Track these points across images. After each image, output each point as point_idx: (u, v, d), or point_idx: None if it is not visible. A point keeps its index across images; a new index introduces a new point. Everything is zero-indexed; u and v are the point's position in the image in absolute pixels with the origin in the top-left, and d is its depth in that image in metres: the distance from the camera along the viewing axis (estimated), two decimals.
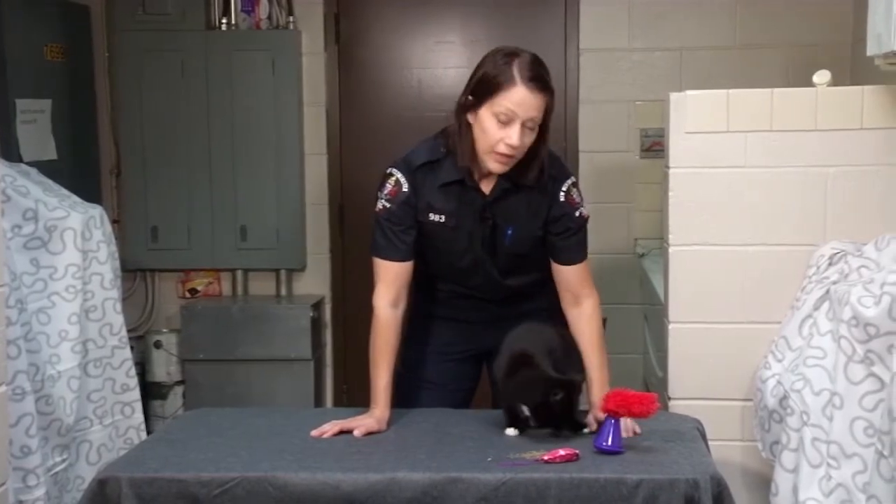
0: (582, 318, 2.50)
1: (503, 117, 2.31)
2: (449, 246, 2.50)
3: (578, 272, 2.53)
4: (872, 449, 2.13)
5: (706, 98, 2.65)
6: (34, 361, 2.84)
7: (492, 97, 2.32)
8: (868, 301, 2.19)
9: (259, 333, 4.34)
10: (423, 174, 2.46)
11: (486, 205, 2.46)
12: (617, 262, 4.39)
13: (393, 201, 2.47)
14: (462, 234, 2.48)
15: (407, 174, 2.46)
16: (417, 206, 2.46)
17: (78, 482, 3.04)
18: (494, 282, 2.54)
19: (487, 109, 2.33)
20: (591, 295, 2.53)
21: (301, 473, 2.05)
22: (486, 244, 2.49)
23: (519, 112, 2.30)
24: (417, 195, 2.46)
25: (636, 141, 4.42)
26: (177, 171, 4.46)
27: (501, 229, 2.48)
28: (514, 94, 2.30)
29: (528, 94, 2.30)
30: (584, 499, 1.99)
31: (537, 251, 2.53)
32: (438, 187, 2.45)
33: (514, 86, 2.30)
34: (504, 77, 2.31)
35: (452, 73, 4.53)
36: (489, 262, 2.52)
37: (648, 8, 4.39)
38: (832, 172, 2.62)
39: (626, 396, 2.14)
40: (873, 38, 2.44)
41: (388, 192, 2.48)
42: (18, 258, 2.89)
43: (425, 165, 2.46)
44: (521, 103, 2.30)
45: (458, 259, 2.52)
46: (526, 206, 2.47)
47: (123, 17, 4.44)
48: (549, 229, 2.49)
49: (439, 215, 2.46)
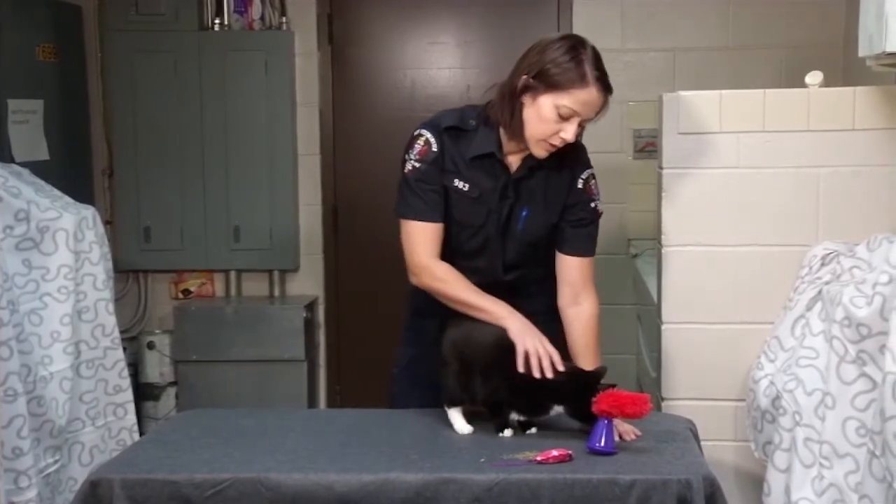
0: (580, 319, 2.48)
1: (565, 112, 2.30)
2: (465, 218, 2.47)
3: (583, 267, 2.51)
4: (864, 449, 2.13)
5: (699, 99, 2.66)
6: (26, 362, 2.83)
7: (559, 91, 2.30)
8: (860, 301, 2.19)
9: (252, 334, 4.34)
10: (451, 138, 2.44)
11: (510, 182, 2.45)
12: (610, 262, 4.39)
13: (423, 161, 2.44)
14: (481, 207, 2.46)
15: (435, 134, 2.44)
16: (445, 167, 2.44)
17: (70, 483, 3.04)
18: (495, 272, 2.52)
19: (550, 100, 2.31)
20: (591, 297, 2.50)
21: (294, 474, 2.04)
22: (501, 225, 2.48)
23: (582, 112, 2.31)
24: (445, 157, 2.44)
25: (629, 141, 4.43)
26: (170, 172, 4.46)
27: (517, 212, 2.47)
28: (582, 94, 2.29)
29: (596, 95, 2.31)
30: (577, 499, 1.99)
31: (545, 246, 2.52)
32: (469, 160, 2.44)
33: (586, 86, 2.29)
34: (575, 74, 2.29)
35: (446, 73, 4.54)
36: (498, 246, 2.49)
37: (641, 8, 4.40)
38: (824, 173, 2.62)
39: (618, 397, 2.14)
40: (865, 39, 2.44)
41: (418, 151, 2.45)
42: (10, 259, 2.88)
43: (452, 129, 2.44)
44: (586, 103, 2.31)
45: (468, 238, 2.49)
46: (545, 188, 2.46)
47: (116, 18, 4.44)
48: (564, 216, 2.48)
49: (464, 183, 2.44)
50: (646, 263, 3.87)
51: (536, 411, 2.28)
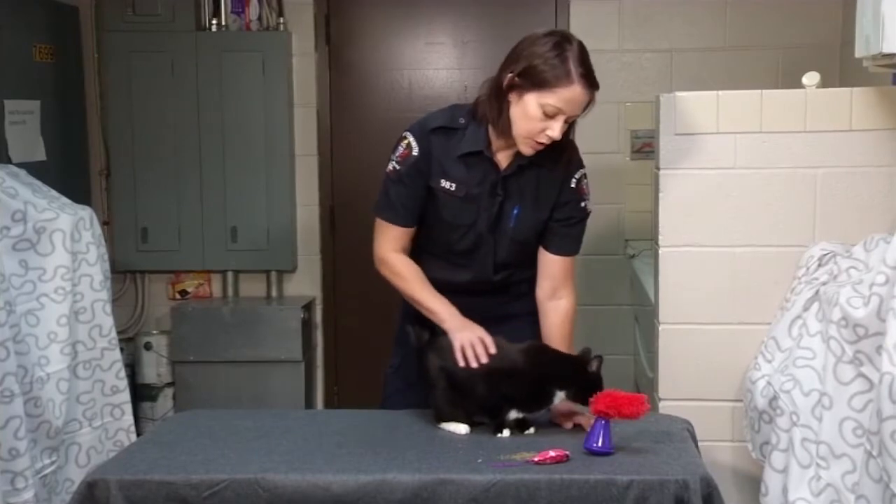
0: (558, 312, 2.51)
1: (550, 110, 2.30)
2: (455, 218, 2.48)
3: (565, 265, 2.53)
4: (861, 449, 2.13)
5: (696, 99, 2.66)
6: (23, 363, 2.83)
7: (543, 89, 2.29)
8: (857, 302, 2.19)
9: (249, 335, 4.34)
10: (438, 138, 2.45)
11: (499, 179, 2.46)
12: (607, 263, 4.40)
13: (403, 164, 2.47)
14: (470, 206, 2.47)
15: (420, 137, 2.46)
16: (431, 170, 2.46)
17: (67, 485, 3.04)
18: (486, 272, 2.53)
19: (535, 98, 2.31)
20: (570, 294, 2.54)
21: (291, 475, 2.04)
22: (492, 223, 2.49)
23: (567, 110, 2.31)
24: (430, 159, 2.46)
25: (626, 142, 4.43)
26: (167, 173, 4.45)
27: (508, 210, 2.48)
28: (567, 93, 2.29)
29: (581, 93, 2.30)
30: (574, 500, 1.99)
31: (535, 244, 2.53)
32: (457, 157, 2.45)
33: (569, 84, 2.28)
34: (559, 72, 2.28)
35: (443, 74, 4.54)
36: (490, 244, 2.50)
37: (638, 9, 4.40)
38: (821, 174, 2.62)
39: (615, 397, 2.14)
40: (862, 40, 2.44)
41: (400, 154, 2.48)
42: (7, 260, 2.88)
43: (440, 130, 2.46)
44: (571, 101, 2.30)
45: (459, 238, 2.50)
46: (536, 186, 2.47)
47: (113, 18, 4.43)
48: (553, 214, 2.50)
49: (451, 183, 2.46)
50: (643, 264, 3.87)
51: (539, 402, 2.29)
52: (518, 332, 2.46)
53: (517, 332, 2.44)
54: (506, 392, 2.28)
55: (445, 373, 2.34)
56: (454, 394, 2.32)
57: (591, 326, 4.13)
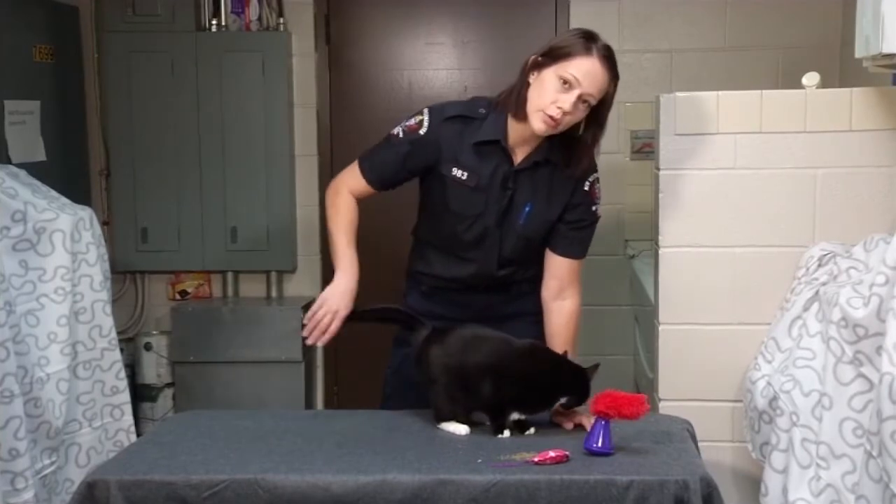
0: (562, 313, 2.52)
1: (568, 78, 2.34)
2: (463, 208, 2.49)
3: (572, 267, 2.54)
4: (861, 449, 2.13)
5: (696, 100, 2.66)
6: (23, 364, 2.83)
7: (562, 61, 2.35)
8: (857, 302, 2.19)
9: (249, 335, 4.33)
10: (454, 126, 2.48)
11: (511, 173, 2.46)
12: (607, 263, 4.39)
13: (406, 135, 2.51)
14: (479, 197, 2.47)
15: (434, 120, 2.49)
16: (440, 157, 2.47)
17: (67, 485, 3.04)
18: (490, 266, 2.53)
19: (554, 71, 2.36)
20: (576, 294, 2.54)
21: (291, 476, 2.04)
22: (500, 216, 2.49)
23: (583, 82, 2.34)
24: (439, 145, 2.47)
25: (626, 142, 4.43)
26: (167, 173, 4.45)
27: (519, 206, 2.48)
28: (584, 63, 2.35)
29: (598, 68, 2.36)
30: (574, 500, 1.99)
31: (541, 244, 2.53)
32: (472, 145, 2.46)
33: (588, 56, 2.35)
34: (579, 47, 2.36)
35: (443, 74, 4.54)
36: (496, 238, 2.50)
37: (638, 10, 4.40)
38: (821, 174, 2.63)
39: (615, 398, 2.14)
40: (861, 41, 2.44)
41: (409, 125, 2.52)
42: (7, 260, 2.88)
43: (458, 118, 2.48)
44: (587, 73, 2.35)
45: (465, 229, 2.50)
46: (549, 185, 2.48)
47: (112, 18, 4.43)
48: (564, 216, 2.50)
49: (462, 171, 2.47)
50: (643, 264, 3.87)
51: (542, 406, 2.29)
52: (518, 332, 2.45)
53: (517, 333, 2.43)
54: (511, 394, 2.28)
55: (450, 368, 2.32)
56: (456, 390, 2.32)
57: (591, 326, 4.12)
